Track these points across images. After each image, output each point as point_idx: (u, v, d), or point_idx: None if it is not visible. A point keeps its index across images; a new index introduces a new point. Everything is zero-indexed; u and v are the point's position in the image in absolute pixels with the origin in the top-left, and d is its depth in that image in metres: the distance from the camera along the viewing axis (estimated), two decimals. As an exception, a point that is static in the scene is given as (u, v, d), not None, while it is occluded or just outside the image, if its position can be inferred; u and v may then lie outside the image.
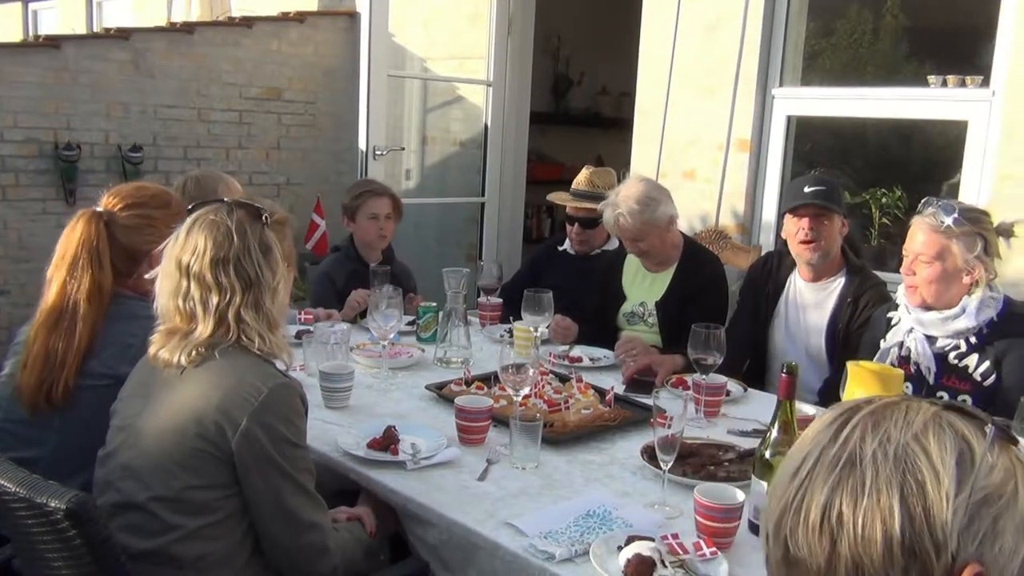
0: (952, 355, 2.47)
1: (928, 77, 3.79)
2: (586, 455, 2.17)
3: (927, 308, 2.48)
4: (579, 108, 7.50)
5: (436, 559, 1.84)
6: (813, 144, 5.02)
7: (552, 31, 6.82)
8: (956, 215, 2.38)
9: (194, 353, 1.66)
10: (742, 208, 4.21)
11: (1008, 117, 3.39)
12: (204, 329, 1.67)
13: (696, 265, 3.19)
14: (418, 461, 2.03)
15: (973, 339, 2.44)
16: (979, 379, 2.43)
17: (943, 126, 3.94)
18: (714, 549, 1.63)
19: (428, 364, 2.89)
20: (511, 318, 3.13)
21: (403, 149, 6.01)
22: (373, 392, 2.60)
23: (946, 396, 2.44)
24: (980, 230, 2.41)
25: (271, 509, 1.66)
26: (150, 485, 1.64)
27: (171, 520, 1.63)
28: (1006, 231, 2.45)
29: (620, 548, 1.62)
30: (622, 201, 3.07)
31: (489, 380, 2.52)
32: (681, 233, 3.30)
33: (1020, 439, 0.81)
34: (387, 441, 2.10)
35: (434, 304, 3.15)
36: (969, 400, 2.42)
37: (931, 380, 2.48)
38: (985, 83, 3.54)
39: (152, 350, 1.71)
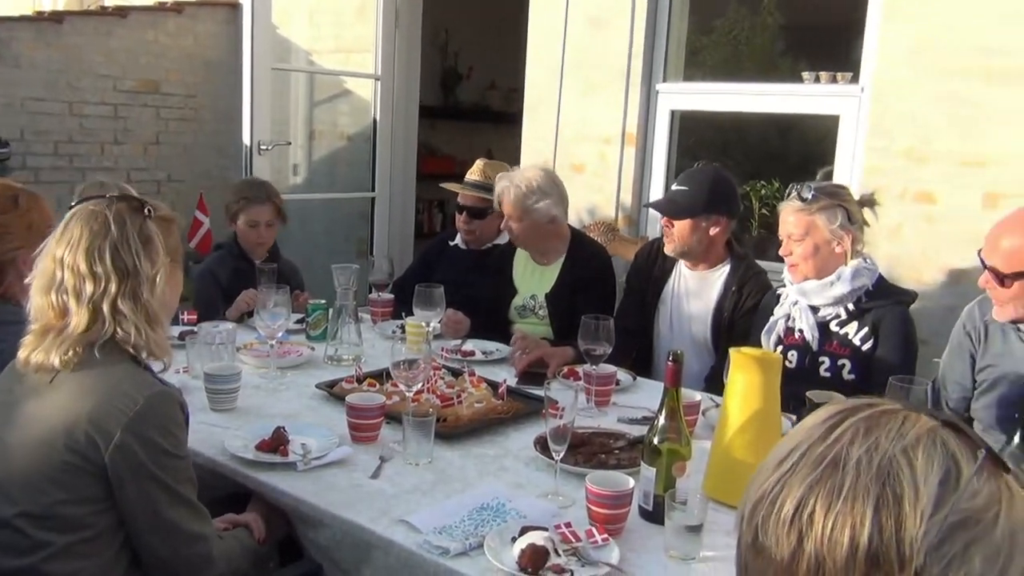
0: (833, 323, 2.64)
1: (802, 73, 3.95)
2: (480, 449, 2.18)
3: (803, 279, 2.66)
4: (469, 102, 7.50)
5: (329, 560, 1.81)
6: (697, 138, 5.17)
7: (440, 25, 6.80)
8: (813, 192, 2.60)
9: (70, 352, 1.58)
10: (629, 200, 4.29)
11: (875, 112, 3.56)
12: (78, 322, 1.59)
13: (583, 257, 3.24)
14: (309, 462, 2.00)
15: (851, 307, 2.61)
16: (858, 344, 2.59)
17: (817, 120, 4.11)
18: (606, 536, 1.66)
19: (318, 362, 2.84)
20: (403, 314, 3.10)
21: (289, 144, 5.88)
22: (261, 393, 2.53)
23: (828, 362, 2.61)
24: (839, 202, 2.62)
25: (150, 522, 1.60)
26: (17, 501, 1.56)
27: (41, 537, 1.55)
28: (869, 201, 2.68)
29: (514, 539, 1.63)
30: (516, 176, 3.18)
31: (381, 377, 2.50)
32: (569, 226, 3.35)
33: (1011, 465, 0.80)
34: (276, 442, 2.05)
35: (323, 301, 3.10)
36: (848, 365, 2.59)
37: (815, 347, 2.64)
38: (855, 79, 3.71)
39: (23, 354, 1.62)
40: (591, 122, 4.35)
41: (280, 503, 1.90)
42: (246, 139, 4.67)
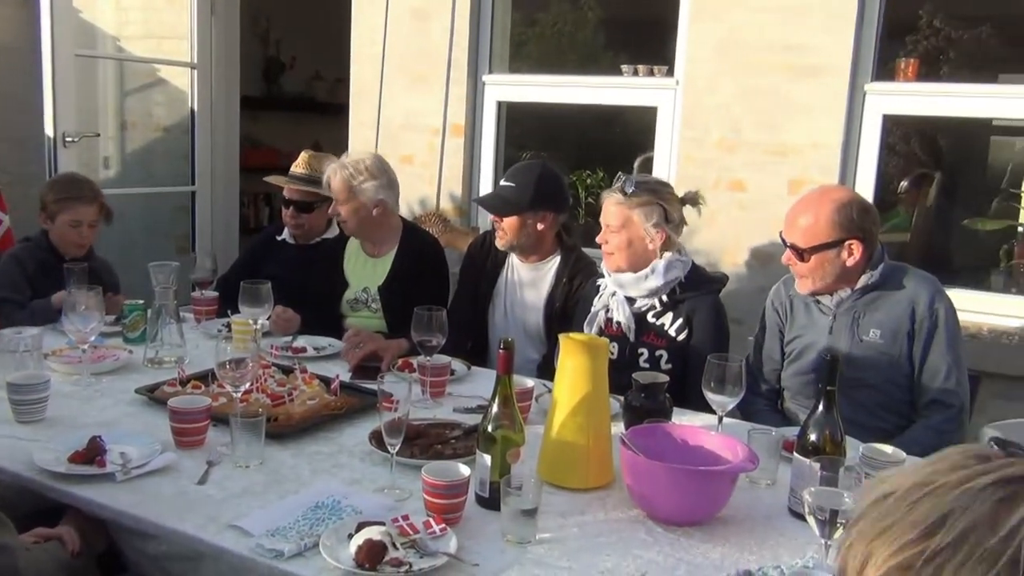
0: (649, 315, 2.74)
1: (622, 67, 4.09)
2: (313, 446, 2.13)
3: (617, 270, 2.75)
4: (293, 93, 7.30)
5: (158, 572, 1.72)
6: (523, 128, 5.26)
7: (260, 12, 6.57)
8: (633, 187, 2.69)
9: None
10: (459, 191, 4.32)
11: (688, 105, 3.74)
12: None
13: (415, 248, 3.23)
14: (129, 471, 1.89)
15: (665, 298, 2.72)
16: (673, 335, 2.71)
17: (638, 112, 4.26)
18: (443, 526, 1.67)
19: (138, 366, 2.68)
20: (228, 312, 2.99)
21: (98, 135, 5.53)
22: (74, 401, 2.37)
23: (646, 352, 2.71)
24: (658, 200, 2.72)
25: None
26: None
27: None
28: (692, 199, 2.79)
29: (351, 536, 1.61)
30: (345, 159, 3.18)
31: (206, 378, 2.40)
32: (400, 217, 3.33)
33: None
34: (92, 453, 1.93)
35: (141, 302, 2.93)
36: (665, 355, 2.70)
37: (632, 338, 2.73)
38: (670, 73, 3.88)
39: None
40: (418, 113, 4.34)
41: (99, 516, 1.79)
42: (48, 130, 4.35)
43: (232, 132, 5.52)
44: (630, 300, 2.75)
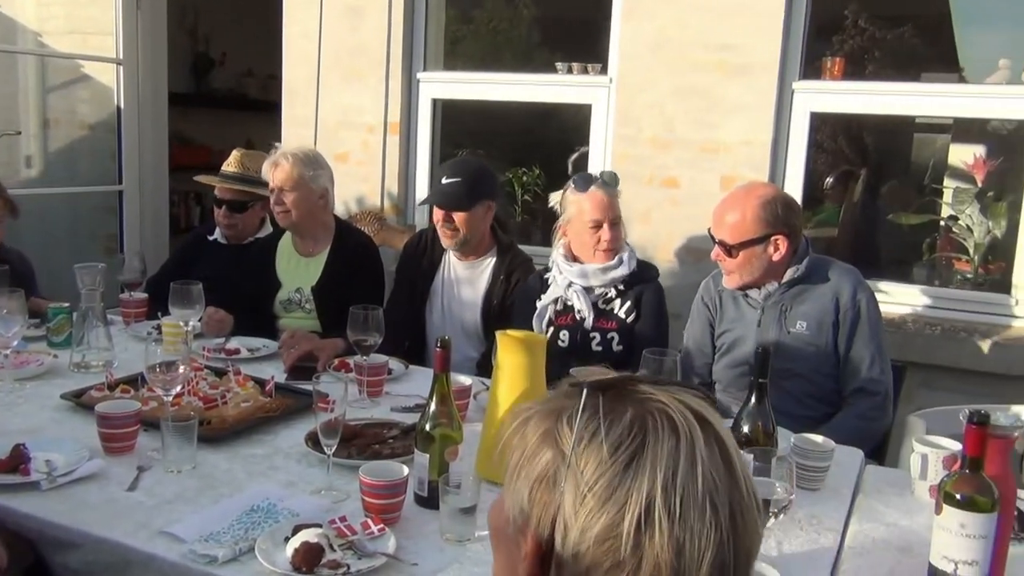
0: (601, 301, 2.84)
1: (556, 64, 4.11)
2: (248, 449, 2.09)
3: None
4: (224, 89, 7.16)
5: (85, 583, 1.67)
6: (460, 126, 5.24)
7: (188, 7, 6.43)
8: (616, 185, 2.83)
9: None
10: (396, 189, 4.29)
11: (622, 102, 3.77)
12: None
13: (349, 247, 3.20)
14: (54, 479, 1.83)
15: (621, 286, 2.82)
16: (623, 317, 2.81)
17: (573, 109, 4.29)
18: (382, 526, 1.66)
19: (63, 371, 2.61)
20: (159, 314, 2.92)
21: (19, 133, 5.35)
22: (-4, 408, 2.29)
23: (599, 336, 2.81)
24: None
25: None
26: None
27: None
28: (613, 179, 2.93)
29: (287, 539, 1.59)
30: (289, 149, 3.16)
31: (136, 382, 2.34)
32: (334, 216, 3.29)
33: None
34: (15, 461, 1.87)
35: (66, 304, 2.84)
36: (616, 337, 2.80)
37: (587, 325, 2.81)
38: (604, 71, 3.91)
39: None
40: (353, 110, 4.30)
41: (24, 528, 1.73)
42: (-34, 128, 4.19)
43: (160, 130, 5.39)
44: (588, 289, 2.81)
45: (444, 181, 3.00)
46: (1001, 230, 3.57)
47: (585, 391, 0.84)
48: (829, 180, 5.80)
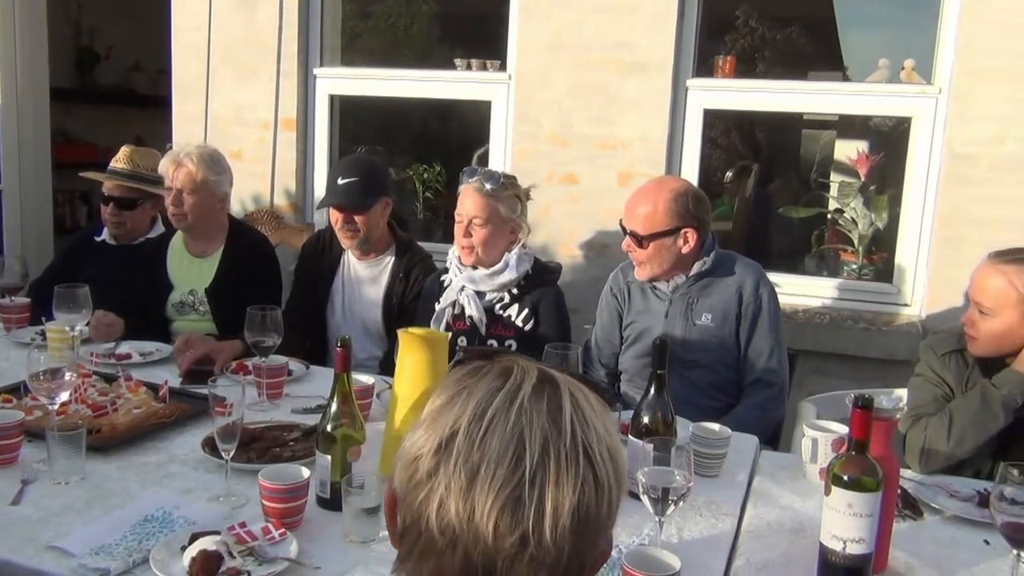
0: (497, 307, 2.79)
1: (455, 61, 4.10)
2: (141, 457, 2.02)
3: (475, 267, 2.76)
4: (110, 84, 6.89)
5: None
6: (358, 122, 5.18)
7: (70, -2, 6.16)
8: (501, 181, 2.72)
9: None
10: (293, 187, 4.20)
11: (521, 99, 3.79)
12: None
13: (245, 247, 3.13)
14: (-71, 496, 1.73)
15: (515, 291, 2.77)
16: (520, 325, 2.77)
17: (473, 106, 4.29)
18: (283, 530, 1.63)
19: (-62, 381, 2.47)
20: (43, 319, 2.79)
21: None
22: None
23: (495, 343, 2.76)
24: (516, 192, 2.79)
25: None
26: None
27: None
28: (525, 194, 2.85)
29: (184, 548, 1.54)
30: (192, 149, 3.06)
31: (18, 391, 2.23)
32: (228, 215, 3.21)
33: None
34: None
35: (-60, 311, 2.69)
36: (514, 344, 2.76)
37: (483, 331, 2.77)
38: (503, 68, 3.92)
39: None
40: (247, 106, 4.19)
41: None
42: None
43: (42, 126, 5.14)
44: (480, 294, 2.77)
45: (340, 181, 2.94)
46: (883, 222, 3.74)
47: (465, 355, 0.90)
48: (728, 174, 5.97)
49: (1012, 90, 3.14)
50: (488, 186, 2.70)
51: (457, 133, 6.02)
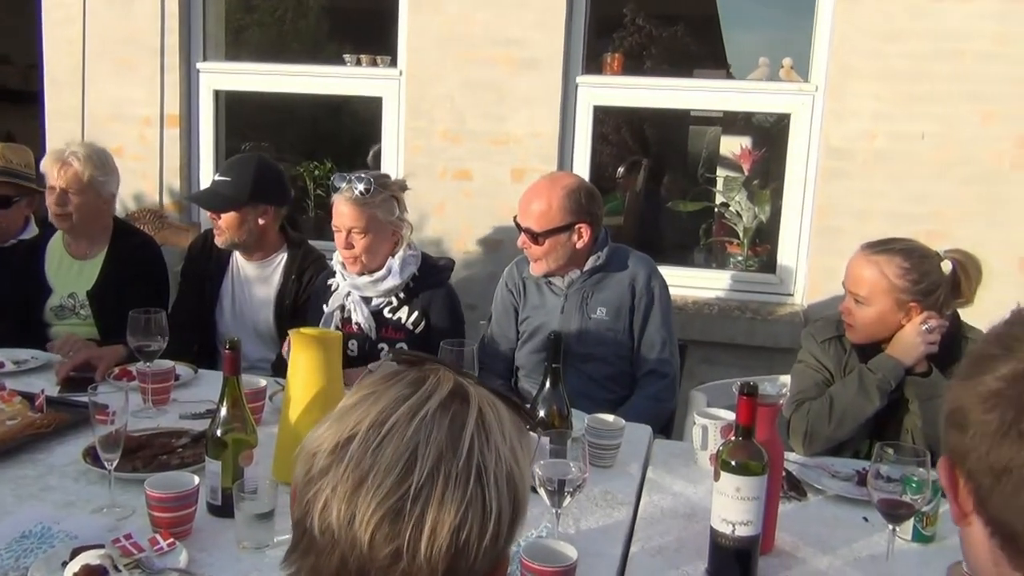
0: (386, 311, 2.74)
1: (344, 56, 4.04)
2: (17, 470, 1.92)
3: (360, 273, 2.70)
4: (-24, 79, 6.53)
5: None
6: (246, 119, 5.05)
7: (-71, -13, 5.79)
8: (373, 185, 2.63)
9: None
10: (178, 185, 4.07)
11: (413, 95, 3.77)
12: None
13: (128, 248, 3.01)
14: None
15: (402, 294, 2.72)
16: (411, 328, 2.73)
17: (365, 101, 4.24)
18: (172, 540, 1.58)
19: None
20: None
21: None
22: None
23: (386, 347, 2.71)
24: (393, 193, 2.72)
25: None
26: None
27: None
28: (401, 186, 2.79)
29: (65, 564, 1.47)
30: (79, 148, 2.94)
31: None
32: (112, 216, 3.08)
33: None
34: None
35: None
36: (405, 347, 2.71)
37: (373, 336, 2.72)
38: (393, 63, 3.89)
39: None
40: (127, 102, 4.03)
41: None
42: None
43: (-100, 123, 4.83)
44: (366, 299, 2.73)
45: (216, 178, 2.89)
46: (766, 215, 3.88)
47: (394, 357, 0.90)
48: (620, 170, 6.08)
49: (881, 88, 3.30)
50: (359, 193, 2.61)
51: (349, 129, 5.94)
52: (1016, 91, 3.19)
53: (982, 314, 2.18)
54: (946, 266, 2.24)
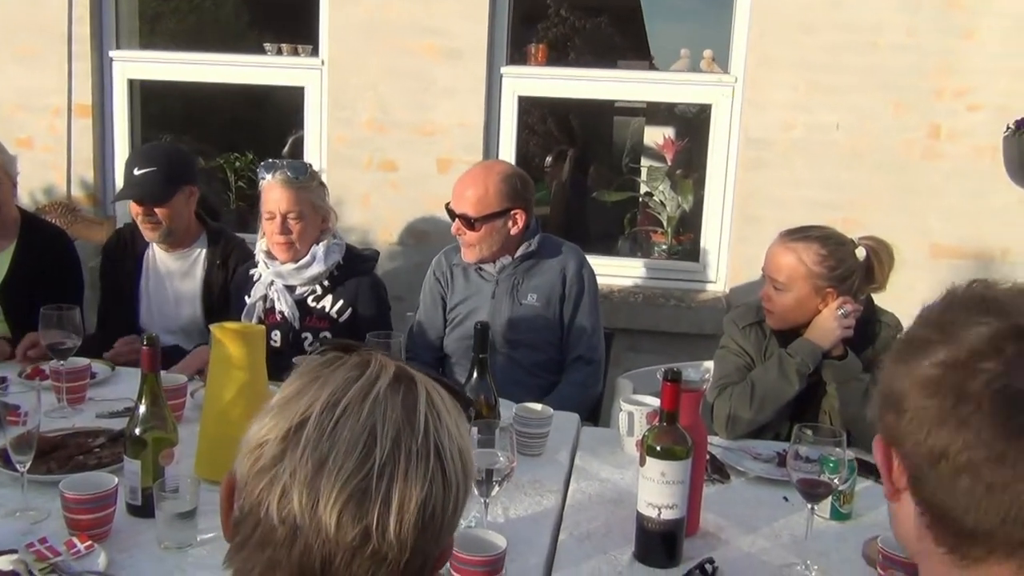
0: (310, 299, 2.72)
1: (265, 45, 3.96)
2: (-78, 476, 1.84)
3: (285, 261, 2.67)
4: None
5: None
6: (163, 109, 4.92)
7: None
8: (308, 169, 2.66)
9: None
10: (91, 177, 3.94)
11: (336, 85, 3.71)
12: None
13: (39, 242, 2.89)
14: None
15: (326, 282, 2.70)
16: (335, 317, 2.71)
17: (287, 91, 4.16)
18: (89, 543, 1.53)
19: None
20: None
21: None
22: None
23: (310, 336, 2.69)
24: (320, 180, 2.75)
25: None
26: None
27: None
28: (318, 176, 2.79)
29: (-26, 572, 1.42)
30: None
31: None
32: (19, 208, 2.96)
33: None
34: None
35: None
36: (330, 335, 2.69)
37: (296, 325, 2.69)
38: (315, 52, 3.82)
39: None
40: (34, 92, 3.88)
41: None
42: None
43: None
44: (290, 288, 2.69)
45: (136, 172, 2.77)
46: (689, 204, 3.95)
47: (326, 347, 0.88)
48: (548, 159, 6.11)
49: (799, 79, 3.38)
50: (295, 177, 2.62)
51: (271, 120, 5.83)
52: (926, 83, 3.30)
53: (894, 299, 2.28)
54: (860, 253, 2.31)
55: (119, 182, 3.88)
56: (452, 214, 2.67)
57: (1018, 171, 3.16)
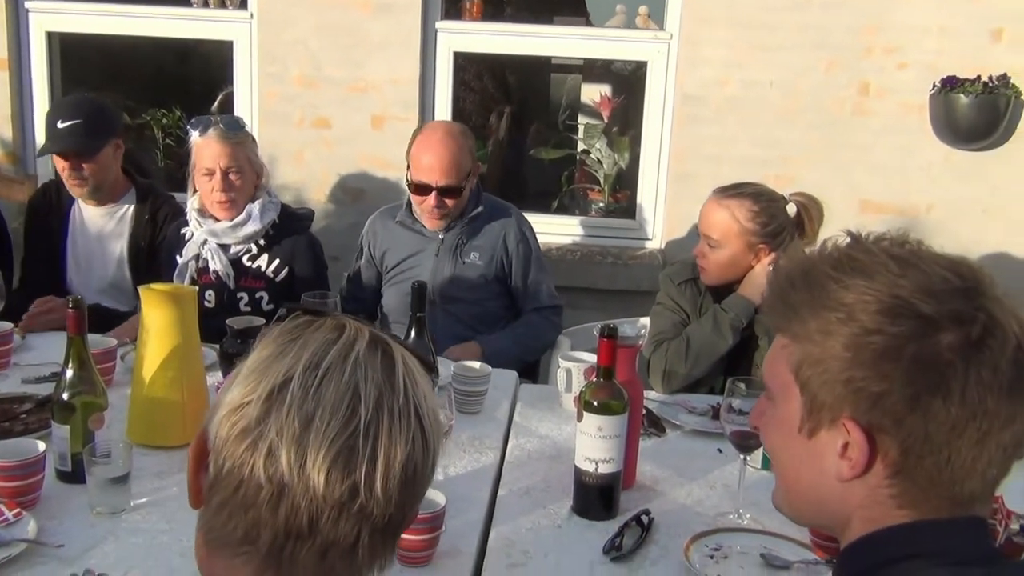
0: (245, 258, 2.67)
1: (186, -5, 3.82)
2: None
3: (217, 220, 2.62)
4: None
5: None
6: (85, 63, 4.73)
7: None
8: (242, 126, 2.64)
9: None
10: (10, 134, 3.78)
11: (265, 40, 3.61)
12: None
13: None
14: None
15: (262, 241, 2.66)
16: (271, 276, 2.68)
17: (215, 46, 4.02)
18: (18, 511, 1.50)
19: None
20: None
21: None
22: None
23: (246, 296, 2.65)
24: (253, 137, 2.72)
25: None
26: None
27: None
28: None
29: None
30: None
31: None
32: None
33: None
34: None
35: None
36: (266, 296, 2.66)
37: (232, 285, 2.65)
38: (243, 5, 3.70)
39: None
40: (-54, 44, 3.69)
41: None
42: None
43: None
44: (224, 247, 2.64)
45: (60, 124, 2.67)
46: (625, 162, 3.96)
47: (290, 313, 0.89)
48: (492, 118, 6.06)
49: (733, 36, 3.40)
50: (233, 131, 2.58)
51: (199, 75, 5.64)
52: (857, 40, 3.34)
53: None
54: (791, 209, 2.35)
55: (40, 139, 3.74)
56: (424, 188, 2.62)
57: (944, 129, 3.25)
